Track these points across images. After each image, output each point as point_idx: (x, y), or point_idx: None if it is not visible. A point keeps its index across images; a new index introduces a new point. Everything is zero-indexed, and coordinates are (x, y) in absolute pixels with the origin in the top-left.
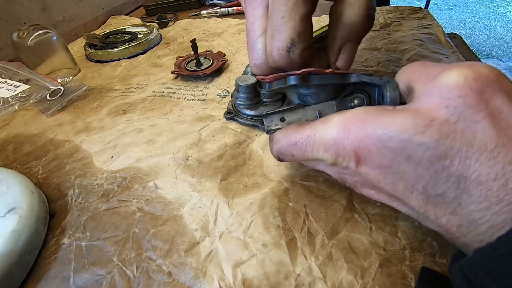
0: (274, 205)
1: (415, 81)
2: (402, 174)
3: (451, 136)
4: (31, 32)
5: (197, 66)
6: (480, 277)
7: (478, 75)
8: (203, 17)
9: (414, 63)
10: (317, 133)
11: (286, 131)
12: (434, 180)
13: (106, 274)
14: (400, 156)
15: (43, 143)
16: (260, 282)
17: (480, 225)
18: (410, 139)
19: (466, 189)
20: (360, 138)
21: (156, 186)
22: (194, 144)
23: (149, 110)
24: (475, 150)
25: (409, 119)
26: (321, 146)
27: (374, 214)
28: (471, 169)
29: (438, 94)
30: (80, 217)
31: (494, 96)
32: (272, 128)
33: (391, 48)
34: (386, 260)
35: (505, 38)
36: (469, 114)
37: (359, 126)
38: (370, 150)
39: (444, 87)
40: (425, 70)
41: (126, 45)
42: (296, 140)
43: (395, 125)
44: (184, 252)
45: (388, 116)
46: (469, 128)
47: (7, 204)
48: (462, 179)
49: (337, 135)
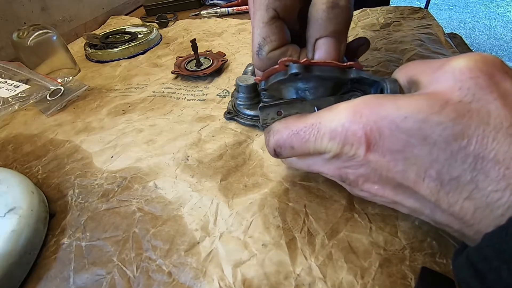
0: (274, 205)
1: (419, 75)
2: (415, 159)
3: (467, 115)
4: (31, 32)
5: (197, 66)
6: (490, 261)
7: (486, 59)
8: (203, 17)
9: (412, 61)
10: (322, 121)
11: (287, 120)
12: (449, 163)
13: (106, 274)
14: (414, 138)
15: (43, 143)
16: (260, 282)
17: (497, 207)
18: (427, 118)
19: (483, 169)
20: (373, 120)
21: (156, 186)
22: (194, 144)
23: (149, 110)
24: (492, 129)
25: (424, 100)
26: (326, 133)
27: (374, 214)
28: (489, 147)
29: (450, 78)
30: (80, 217)
31: (503, 79)
32: (268, 122)
33: (391, 48)
34: (386, 260)
35: (505, 38)
36: (482, 95)
37: (371, 109)
38: (383, 133)
39: (456, 70)
40: (427, 65)
41: (126, 45)
42: (298, 129)
43: (410, 106)
44: (184, 252)
45: (402, 99)
46: (484, 107)
47: (7, 204)
48: (479, 159)
49: (346, 119)
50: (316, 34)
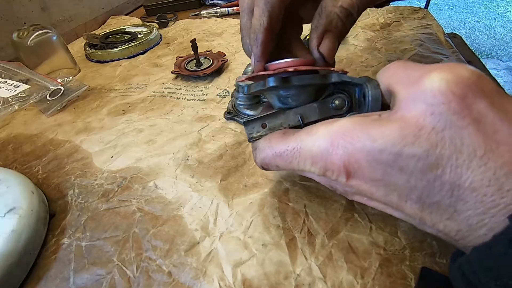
0: (274, 205)
1: (396, 84)
2: (395, 186)
3: (440, 144)
4: (31, 32)
5: (197, 66)
6: (478, 276)
7: (459, 79)
8: (203, 17)
9: (394, 63)
10: (303, 145)
11: (270, 140)
12: (428, 190)
13: (106, 274)
14: (391, 168)
15: (43, 143)
16: (260, 282)
17: (479, 228)
18: (401, 151)
19: (460, 196)
20: (349, 153)
21: (156, 186)
22: (194, 144)
23: (149, 110)
24: (465, 158)
25: (397, 130)
26: (308, 158)
27: (374, 214)
28: (464, 176)
29: (422, 100)
30: (80, 217)
31: (477, 100)
32: (254, 136)
33: (391, 48)
34: (386, 260)
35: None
36: (455, 120)
37: (347, 140)
38: (361, 165)
39: (428, 93)
40: (405, 73)
41: (126, 45)
42: (281, 151)
43: (384, 137)
44: (184, 252)
45: (376, 128)
46: (457, 134)
47: (7, 204)
48: (455, 187)
49: (324, 148)
50: (328, 27)
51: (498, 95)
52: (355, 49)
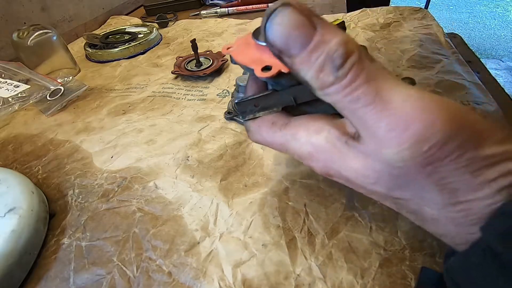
0: (274, 204)
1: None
2: (371, 193)
3: (397, 192)
4: (31, 32)
5: (197, 66)
6: (462, 282)
7: (419, 151)
8: (203, 17)
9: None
10: (289, 145)
11: (260, 128)
12: (398, 206)
13: (106, 274)
14: (362, 189)
15: (43, 143)
16: (260, 282)
17: (443, 237)
18: (365, 186)
19: (425, 219)
20: (327, 168)
21: (156, 186)
22: (194, 144)
23: (149, 110)
24: (425, 204)
25: (360, 169)
26: (294, 155)
27: (374, 214)
28: (425, 211)
29: (381, 161)
30: (80, 217)
31: (439, 167)
32: (247, 113)
33: (391, 48)
34: (386, 260)
35: (505, 38)
36: (413, 183)
37: (325, 159)
38: (340, 176)
39: (386, 160)
40: (362, 118)
41: (126, 45)
42: (270, 142)
43: (350, 171)
44: (184, 252)
45: (343, 160)
46: (416, 192)
47: (7, 204)
48: (419, 214)
49: (306, 156)
50: None
51: (468, 151)
52: None
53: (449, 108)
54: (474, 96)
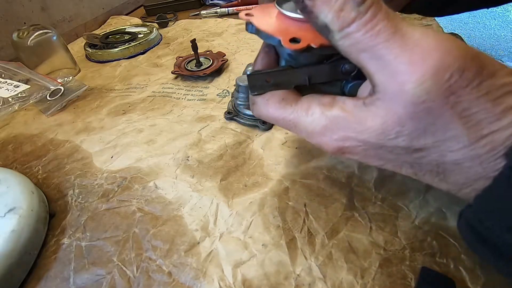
0: (274, 204)
1: (371, 64)
2: (387, 159)
3: (421, 139)
4: (31, 32)
5: (197, 66)
6: (484, 222)
7: (440, 80)
8: (203, 17)
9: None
10: (299, 121)
11: (268, 103)
12: (418, 162)
13: (106, 274)
14: (380, 150)
15: (43, 143)
16: (260, 283)
17: (465, 188)
18: (385, 143)
19: (446, 168)
20: (341, 139)
21: (156, 186)
22: (194, 144)
23: (149, 110)
24: (449, 145)
25: (379, 125)
26: (303, 132)
27: (374, 214)
28: (447, 156)
29: (402, 103)
30: (80, 217)
31: (460, 98)
32: (257, 88)
33: None
34: (386, 260)
35: (505, 38)
36: (436, 121)
37: (339, 128)
38: (353, 147)
39: (407, 99)
40: (380, 53)
41: (126, 45)
42: (277, 117)
43: (368, 131)
44: (184, 252)
45: (361, 122)
46: (439, 130)
47: (7, 204)
48: (440, 163)
49: (319, 131)
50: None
51: (484, 79)
52: None
53: (459, 42)
54: None
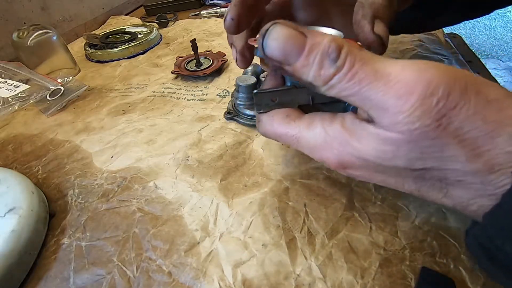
0: (274, 204)
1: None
2: (389, 175)
3: (419, 161)
4: (31, 32)
5: (197, 66)
6: (494, 240)
7: (429, 108)
8: (203, 17)
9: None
10: (302, 136)
11: (273, 119)
12: (420, 178)
13: (106, 274)
14: (382, 167)
15: (43, 143)
16: (260, 283)
17: (471, 205)
18: (383, 163)
19: (449, 184)
20: (341, 154)
21: (156, 186)
22: (194, 144)
23: (149, 110)
24: (448, 164)
25: (377, 146)
26: (305, 147)
27: (374, 214)
28: (448, 174)
29: (396, 131)
30: (80, 217)
31: (451, 119)
32: (263, 107)
33: (391, 48)
34: (386, 260)
35: (505, 38)
36: (432, 144)
37: (339, 144)
38: (353, 163)
39: (399, 128)
40: (376, 84)
41: (126, 45)
42: (281, 133)
43: (366, 151)
44: (184, 252)
45: (359, 140)
46: (436, 152)
47: (7, 204)
48: (443, 179)
49: (320, 145)
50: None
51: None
52: None
53: (439, 66)
54: None
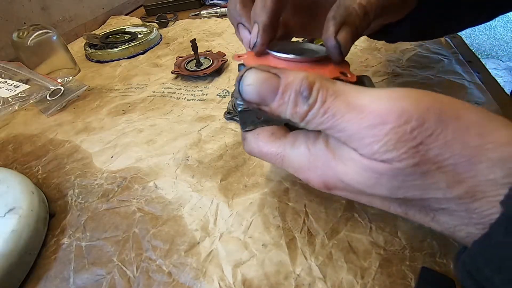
0: (274, 205)
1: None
2: (374, 196)
3: (401, 190)
4: (31, 32)
5: (197, 66)
6: (482, 271)
7: (403, 138)
8: (203, 17)
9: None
10: (286, 154)
11: (258, 138)
12: (405, 203)
13: (106, 274)
14: (366, 191)
15: (43, 143)
16: (260, 283)
17: (458, 231)
18: (366, 190)
19: (434, 211)
20: (325, 176)
21: (156, 186)
22: (194, 144)
23: (149, 110)
24: (430, 192)
25: (361, 172)
26: (290, 167)
27: (374, 214)
28: (432, 202)
29: (375, 158)
30: (80, 217)
31: (428, 147)
32: (248, 125)
33: (391, 48)
34: (386, 260)
35: (505, 38)
36: (411, 172)
37: (322, 165)
38: (337, 185)
39: (381, 158)
40: (348, 107)
41: (126, 45)
42: (266, 152)
43: (352, 175)
44: (184, 252)
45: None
46: (417, 180)
47: (7, 204)
48: (427, 207)
49: (305, 165)
50: (346, 19)
51: (448, 124)
52: (355, 49)
53: (411, 95)
54: (474, 96)
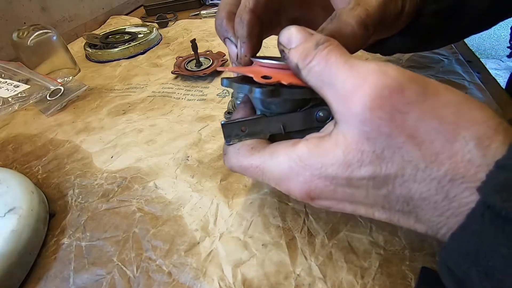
0: (274, 205)
1: (326, 89)
2: (358, 201)
3: (383, 165)
4: (31, 32)
5: (197, 66)
6: (461, 265)
7: (382, 98)
8: (203, 17)
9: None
10: (265, 166)
11: (239, 152)
12: (387, 202)
13: (106, 274)
14: (349, 188)
15: (43, 143)
16: (260, 282)
17: (440, 228)
18: (351, 175)
19: (415, 205)
20: (308, 180)
21: (156, 186)
22: (194, 144)
23: (149, 110)
24: (410, 173)
25: (342, 156)
26: (271, 179)
27: None
28: (412, 189)
29: (354, 125)
30: (80, 217)
31: (405, 116)
32: (232, 137)
33: None
34: (386, 260)
35: (505, 38)
36: (389, 141)
37: (305, 168)
38: (322, 190)
39: (357, 119)
40: (331, 77)
41: (126, 45)
42: (246, 166)
43: (333, 164)
44: (184, 252)
45: (325, 155)
46: (396, 154)
47: (7, 204)
48: (408, 199)
49: (285, 174)
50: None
51: (427, 97)
52: None
53: (399, 68)
54: (474, 96)
